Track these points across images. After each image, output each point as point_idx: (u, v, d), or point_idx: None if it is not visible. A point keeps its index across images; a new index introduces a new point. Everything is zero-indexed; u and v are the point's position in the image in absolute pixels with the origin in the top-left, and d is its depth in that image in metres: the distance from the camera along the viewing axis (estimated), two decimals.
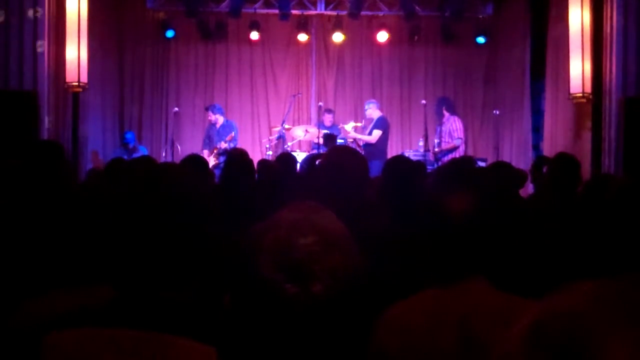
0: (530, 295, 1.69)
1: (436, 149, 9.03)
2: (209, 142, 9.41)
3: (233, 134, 9.04)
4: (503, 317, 1.61)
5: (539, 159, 5.66)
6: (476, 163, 4.84)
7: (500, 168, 4.12)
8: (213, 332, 1.22)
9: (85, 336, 1.23)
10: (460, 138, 9.00)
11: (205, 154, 9.22)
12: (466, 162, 4.16)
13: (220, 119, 9.38)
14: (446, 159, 8.73)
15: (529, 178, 5.29)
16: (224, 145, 8.79)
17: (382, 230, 2.53)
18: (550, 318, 0.68)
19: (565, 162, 3.91)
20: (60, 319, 1.27)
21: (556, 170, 3.84)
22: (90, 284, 1.53)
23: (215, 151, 8.99)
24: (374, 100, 9.84)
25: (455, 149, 8.90)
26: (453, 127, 9.03)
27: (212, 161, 8.61)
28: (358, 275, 1.10)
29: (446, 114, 9.26)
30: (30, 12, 6.88)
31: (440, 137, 9.13)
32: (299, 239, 1.06)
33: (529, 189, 6.19)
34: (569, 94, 7.95)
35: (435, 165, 8.48)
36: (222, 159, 8.31)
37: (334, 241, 1.09)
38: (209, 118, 9.45)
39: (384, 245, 2.38)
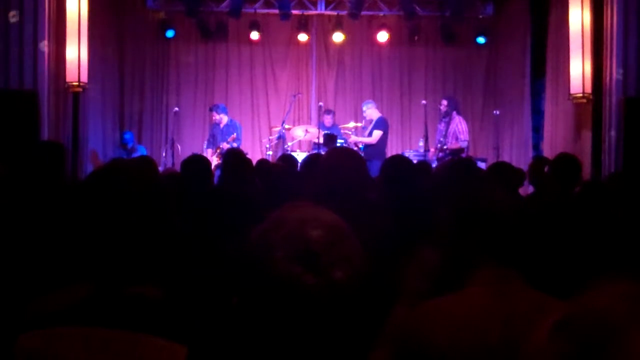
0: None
1: (439, 147, 8.68)
2: (212, 142, 9.42)
3: (235, 135, 9.04)
4: (542, 318, 1.62)
5: (538, 159, 5.65)
6: (476, 164, 4.83)
7: (500, 168, 4.13)
8: (187, 330, 1.23)
9: (55, 335, 1.24)
10: (467, 140, 8.76)
11: (208, 153, 9.23)
12: (467, 163, 4.16)
13: (224, 119, 9.39)
14: None
15: (528, 178, 5.29)
16: (226, 145, 8.77)
17: (383, 231, 2.53)
18: (578, 313, 0.73)
19: (567, 162, 3.91)
20: (38, 319, 1.28)
21: (558, 170, 3.84)
22: (78, 283, 1.54)
23: (218, 151, 8.98)
24: (371, 101, 9.82)
25: (461, 151, 8.61)
26: (459, 129, 8.74)
27: (214, 161, 8.61)
28: (367, 266, 1.12)
29: (453, 113, 8.93)
30: (14, 16, 6.85)
31: (444, 137, 8.80)
32: (310, 232, 1.08)
33: (528, 189, 6.19)
34: (569, 94, 7.95)
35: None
36: None
37: (342, 233, 1.11)
38: (214, 118, 9.46)
39: (385, 245, 2.38)
